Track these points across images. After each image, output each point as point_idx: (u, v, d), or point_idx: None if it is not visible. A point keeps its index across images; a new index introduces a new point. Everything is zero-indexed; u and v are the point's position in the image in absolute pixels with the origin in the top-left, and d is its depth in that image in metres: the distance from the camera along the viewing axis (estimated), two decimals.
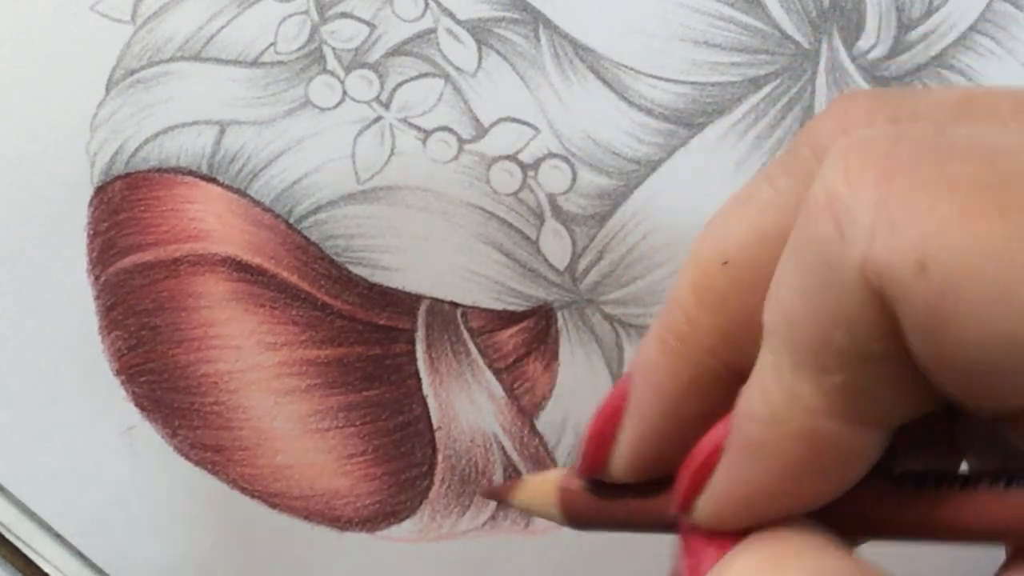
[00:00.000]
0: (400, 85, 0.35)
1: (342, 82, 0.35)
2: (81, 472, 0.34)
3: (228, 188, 0.35)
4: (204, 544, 0.34)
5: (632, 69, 0.34)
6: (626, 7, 0.35)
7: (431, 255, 0.34)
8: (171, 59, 0.35)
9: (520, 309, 0.34)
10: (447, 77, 0.35)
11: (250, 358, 0.34)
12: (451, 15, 0.35)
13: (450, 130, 0.35)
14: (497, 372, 0.34)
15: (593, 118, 0.34)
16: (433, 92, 0.35)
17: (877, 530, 0.22)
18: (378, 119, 0.35)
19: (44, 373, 0.34)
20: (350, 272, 0.34)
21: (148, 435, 0.34)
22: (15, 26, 0.36)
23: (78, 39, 0.35)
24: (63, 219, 0.35)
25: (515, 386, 0.34)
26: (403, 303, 0.34)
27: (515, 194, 0.35)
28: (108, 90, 0.35)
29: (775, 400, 0.21)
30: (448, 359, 0.34)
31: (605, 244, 0.34)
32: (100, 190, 0.35)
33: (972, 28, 0.35)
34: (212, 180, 0.35)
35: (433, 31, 0.35)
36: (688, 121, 0.34)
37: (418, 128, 0.35)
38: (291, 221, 0.35)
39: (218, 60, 0.35)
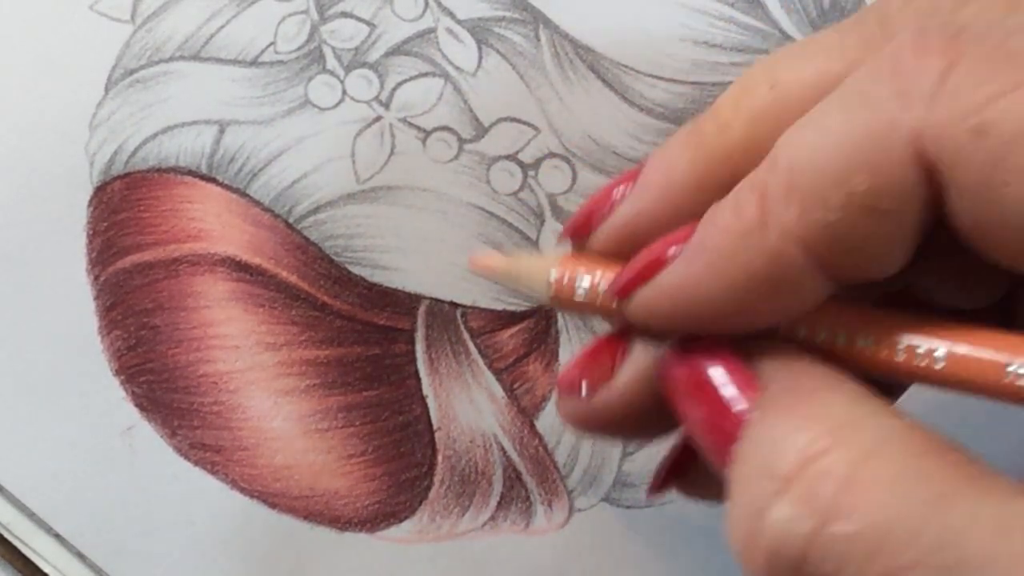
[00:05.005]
0: (400, 85, 0.35)
1: (342, 82, 0.35)
2: (81, 472, 0.34)
3: (227, 188, 0.35)
4: (204, 544, 0.34)
5: (632, 69, 0.34)
6: (626, 7, 0.35)
7: (431, 255, 0.34)
8: (170, 59, 0.35)
9: (520, 309, 0.34)
10: (447, 77, 0.35)
11: (249, 358, 0.34)
12: (451, 14, 0.35)
13: (450, 130, 0.35)
14: (497, 372, 0.34)
15: (593, 118, 0.34)
16: (433, 92, 0.35)
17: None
18: (378, 119, 0.35)
19: (43, 373, 0.34)
20: (350, 272, 0.34)
21: (147, 435, 0.34)
22: (14, 25, 0.36)
23: (77, 38, 0.35)
24: (62, 219, 0.35)
25: (515, 386, 0.34)
26: (403, 303, 0.34)
27: (515, 194, 0.34)
28: (107, 90, 0.35)
29: (749, 216, 0.21)
30: (448, 359, 0.34)
31: None
32: (99, 190, 0.35)
33: None
34: (211, 180, 0.35)
35: (433, 30, 0.35)
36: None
37: (418, 128, 0.35)
38: (291, 221, 0.35)
39: (217, 60, 0.35)
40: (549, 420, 0.34)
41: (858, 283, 0.22)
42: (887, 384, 0.23)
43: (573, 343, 0.34)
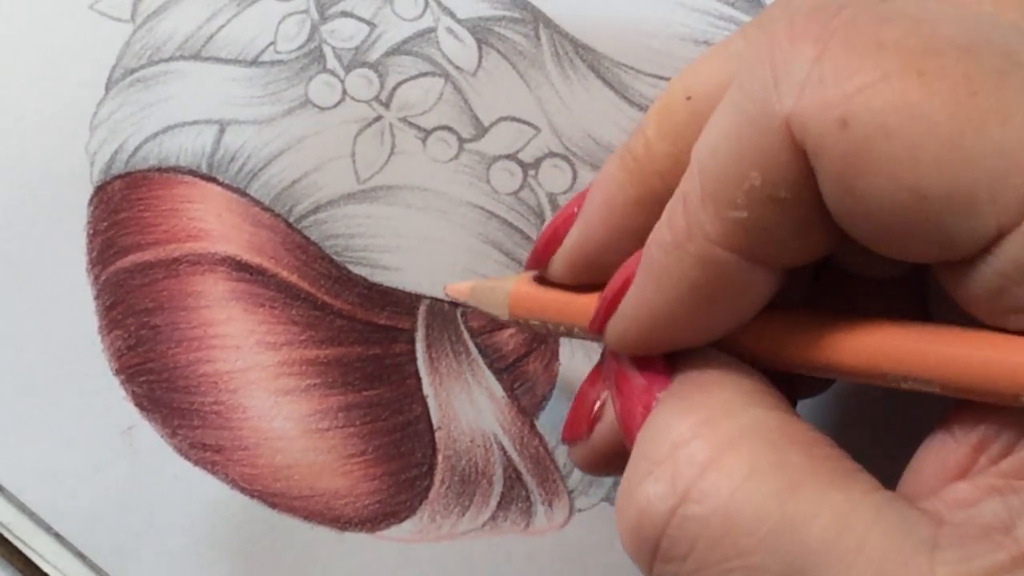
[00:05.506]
0: (400, 84, 0.35)
1: (342, 81, 0.35)
2: (81, 472, 0.34)
3: (228, 187, 0.35)
4: (204, 544, 0.34)
5: (632, 68, 0.34)
6: (626, 6, 0.35)
7: (431, 255, 0.34)
8: (171, 58, 0.35)
9: None
10: (447, 76, 0.35)
11: (250, 358, 0.34)
12: (451, 14, 0.35)
13: (450, 129, 0.35)
14: (497, 372, 0.34)
15: (593, 117, 0.34)
16: (433, 91, 0.35)
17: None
18: (378, 118, 0.35)
19: (43, 373, 0.34)
20: (350, 272, 0.34)
21: (147, 435, 0.34)
22: (14, 25, 0.36)
23: (77, 38, 0.35)
24: (63, 218, 0.35)
25: (515, 386, 0.34)
26: (403, 303, 0.34)
27: (515, 193, 0.34)
28: (108, 89, 0.35)
29: (679, 227, 0.22)
30: (448, 359, 0.34)
31: None
32: (100, 189, 0.35)
33: None
34: (212, 179, 0.35)
35: (433, 30, 0.35)
36: None
37: (418, 127, 0.35)
38: (291, 220, 0.35)
39: (218, 59, 0.35)
40: (549, 420, 0.34)
41: (797, 266, 0.23)
42: None
43: (573, 342, 0.34)
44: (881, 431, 0.28)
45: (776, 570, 0.20)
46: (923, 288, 0.26)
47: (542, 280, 0.28)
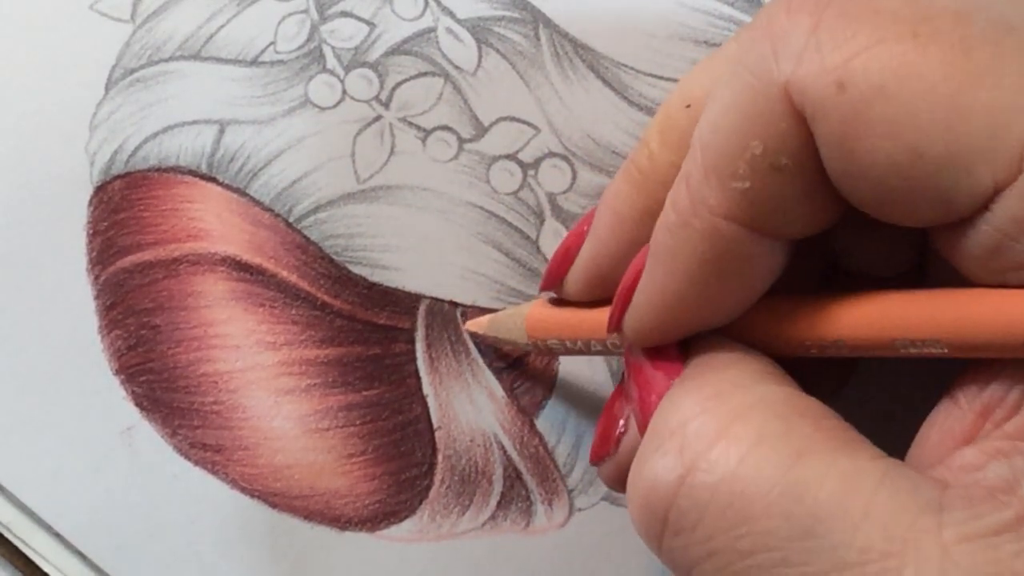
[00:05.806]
0: (400, 84, 0.35)
1: (342, 81, 0.35)
2: (81, 472, 0.34)
3: (228, 187, 0.35)
4: (204, 544, 0.34)
5: (632, 68, 0.34)
6: (626, 6, 0.35)
7: (431, 254, 0.34)
8: (170, 58, 0.35)
9: None
10: (447, 76, 0.35)
11: (250, 357, 0.34)
12: (451, 14, 0.35)
13: (450, 129, 0.35)
14: (497, 372, 0.34)
15: (593, 117, 0.34)
16: (433, 91, 0.35)
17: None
18: (378, 118, 0.35)
19: (43, 372, 0.34)
20: (350, 271, 0.34)
21: (147, 435, 0.34)
22: (14, 25, 0.36)
23: (77, 38, 0.35)
24: (62, 218, 0.35)
25: (515, 386, 0.34)
26: (403, 303, 0.34)
27: (515, 193, 0.34)
28: (107, 89, 0.35)
29: (684, 206, 0.22)
30: (448, 359, 0.34)
31: None
32: (99, 189, 0.35)
33: None
34: (212, 179, 0.35)
35: (433, 30, 0.35)
36: None
37: (418, 127, 0.35)
38: (291, 220, 0.35)
39: (217, 59, 0.35)
40: (549, 419, 0.34)
41: (802, 239, 0.23)
42: None
43: None
44: (887, 409, 0.28)
45: (784, 535, 0.20)
46: (926, 284, 0.26)
47: (558, 301, 0.29)
